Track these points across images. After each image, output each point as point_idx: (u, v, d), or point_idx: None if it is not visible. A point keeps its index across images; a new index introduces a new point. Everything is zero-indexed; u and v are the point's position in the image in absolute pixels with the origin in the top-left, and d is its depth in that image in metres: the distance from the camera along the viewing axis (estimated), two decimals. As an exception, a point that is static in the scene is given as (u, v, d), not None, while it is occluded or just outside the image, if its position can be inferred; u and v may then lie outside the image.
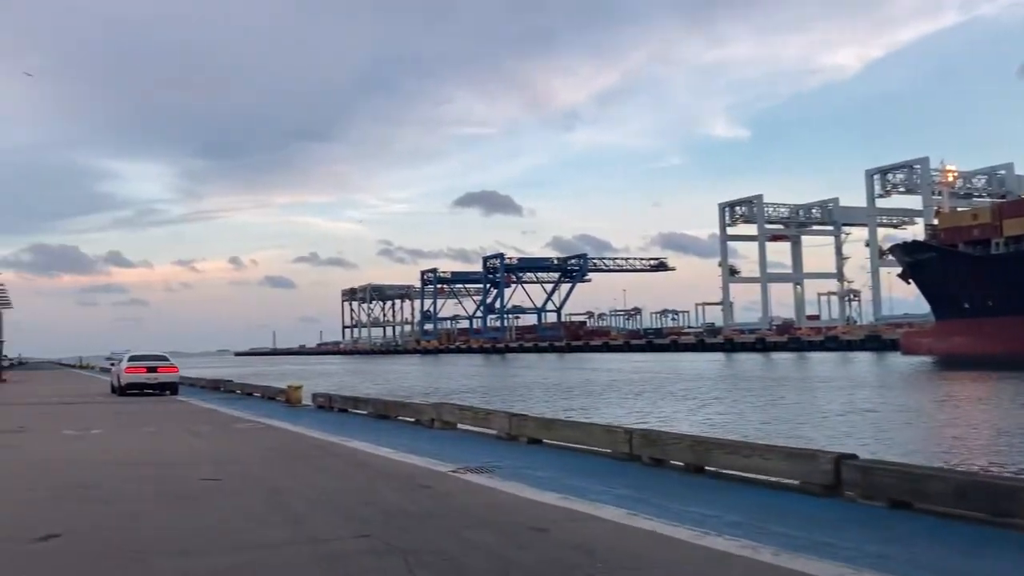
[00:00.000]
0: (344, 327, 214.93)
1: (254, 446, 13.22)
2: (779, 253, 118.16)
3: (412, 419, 16.02)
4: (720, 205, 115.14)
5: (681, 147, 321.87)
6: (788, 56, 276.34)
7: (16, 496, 8.65)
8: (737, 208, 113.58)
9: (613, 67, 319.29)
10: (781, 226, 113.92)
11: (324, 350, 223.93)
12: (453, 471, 9.66)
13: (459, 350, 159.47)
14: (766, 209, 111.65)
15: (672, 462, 9.54)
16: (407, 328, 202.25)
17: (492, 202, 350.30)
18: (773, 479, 8.21)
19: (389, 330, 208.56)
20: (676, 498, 7.84)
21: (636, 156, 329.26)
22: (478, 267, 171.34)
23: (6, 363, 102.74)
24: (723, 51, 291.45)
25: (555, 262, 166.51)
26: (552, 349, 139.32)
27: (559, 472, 9.50)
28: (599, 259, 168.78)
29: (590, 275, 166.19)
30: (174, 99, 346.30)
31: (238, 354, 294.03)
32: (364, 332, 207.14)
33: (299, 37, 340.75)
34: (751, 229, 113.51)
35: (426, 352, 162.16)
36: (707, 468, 9.00)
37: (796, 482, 7.89)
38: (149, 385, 28.72)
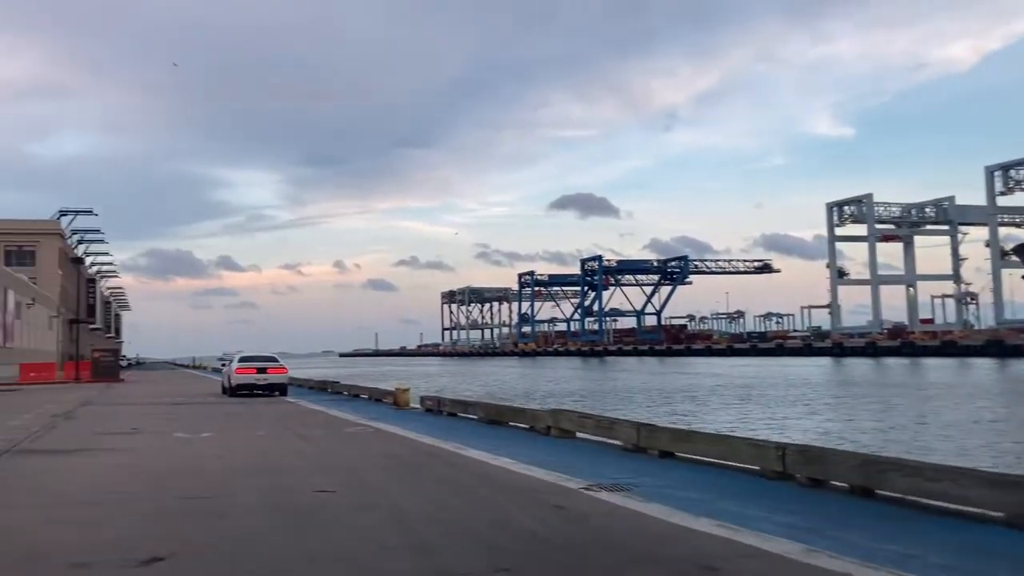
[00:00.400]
0: (444, 329, 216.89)
1: (366, 452, 12.52)
2: (889, 255, 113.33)
3: (526, 426, 15.13)
4: (828, 205, 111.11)
5: (784, 147, 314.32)
6: (895, 51, 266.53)
7: (121, 509, 8.05)
8: (845, 208, 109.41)
9: (713, 67, 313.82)
10: (892, 226, 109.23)
11: (424, 352, 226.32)
12: (585, 488, 8.69)
13: (557, 353, 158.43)
14: (876, 208, 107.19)
15: (833, 483, 8.36)
16: (505, 330, 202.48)
17: (589, 204, 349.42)
18: (967, 509, 6.97)
19: (487, 332, 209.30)
20: (855, 529, 6.68)
21: (737, 157, 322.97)
22: (575, 269, 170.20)
23: (124, 363, 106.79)
24: (827, 48, 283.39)
25: (655, 264, 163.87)
26: (652, 353, 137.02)
27: (706, 493, 8.42)
28: (700, 261, 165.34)
29: (691, 277, 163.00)
30: (281, 109, 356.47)
31: (342, 355, 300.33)
32: (463, 334, 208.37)
33: (400, 45, 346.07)
34: (860, 229, 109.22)
35: (524, 354, 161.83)
36: (878, 492, 7.81)
37: (1000, 514, 6.63)
38: (259, 386, 28.69)
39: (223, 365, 36.33)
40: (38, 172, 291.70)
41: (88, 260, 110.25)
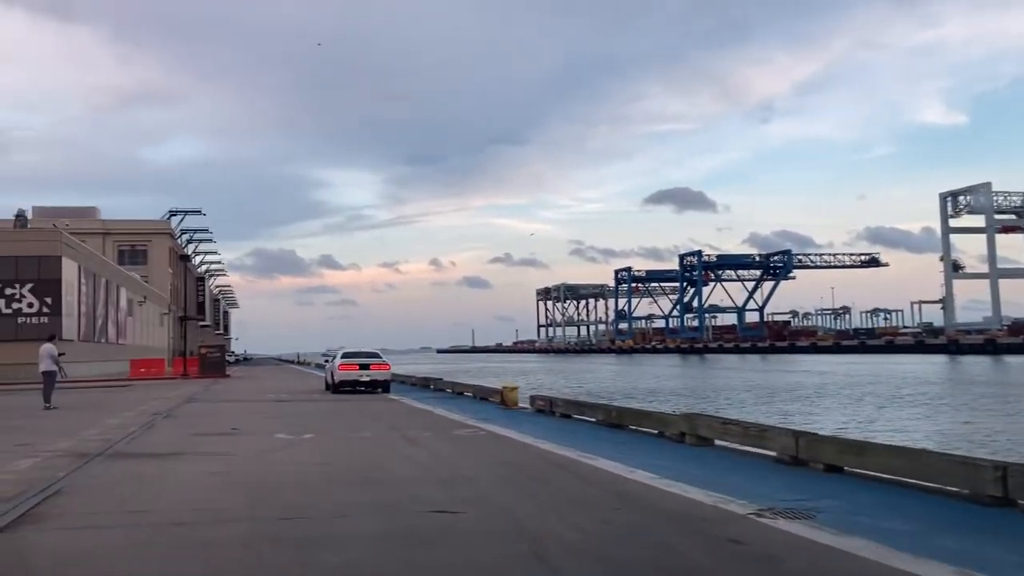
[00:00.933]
0: (539, 326, 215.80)
1: (481, 460, 11.19)
2: (1007, 247, 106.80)
3: (655, 431, 13.55)
4: (941, 195, 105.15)
5: (889, 136, 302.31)
6: (1011, 33, 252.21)
7: (212, 532, 6.85)
8: (960, 198, 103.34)
9: (813, 56, 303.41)
10: (1013, 216, 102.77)
11: (520, 348, 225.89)
12: (755, 513, 7.09)
13: (655, 350, 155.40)
14: (995, 198, 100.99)
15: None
16: (601, 327, 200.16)
17: (685, 198, 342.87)
18: None
19: (583, 329, 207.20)
20: None
21: (839, 147, 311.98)
22: (673, 265, 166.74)
23: (231, 359, 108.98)
24: (935, 31, 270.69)
25: (756, 259, 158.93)
26: (755, 350, 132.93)
27: (913, 522, 6.73)
28: (804, 255, 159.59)
29: (794, 272, 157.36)
30: (381, 111, 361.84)
31: (440, 351, 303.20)
32: (558, 331, 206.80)
33: (493, 43, 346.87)
34: (975, 221, 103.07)
35: (621, 351, 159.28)
36: None
37: None
38: (361, 383, 27.86)
39: (326, 361, 35.80)
40: (150, 176, 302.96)
41: (197, 259, 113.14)
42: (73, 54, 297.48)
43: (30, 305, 42.37)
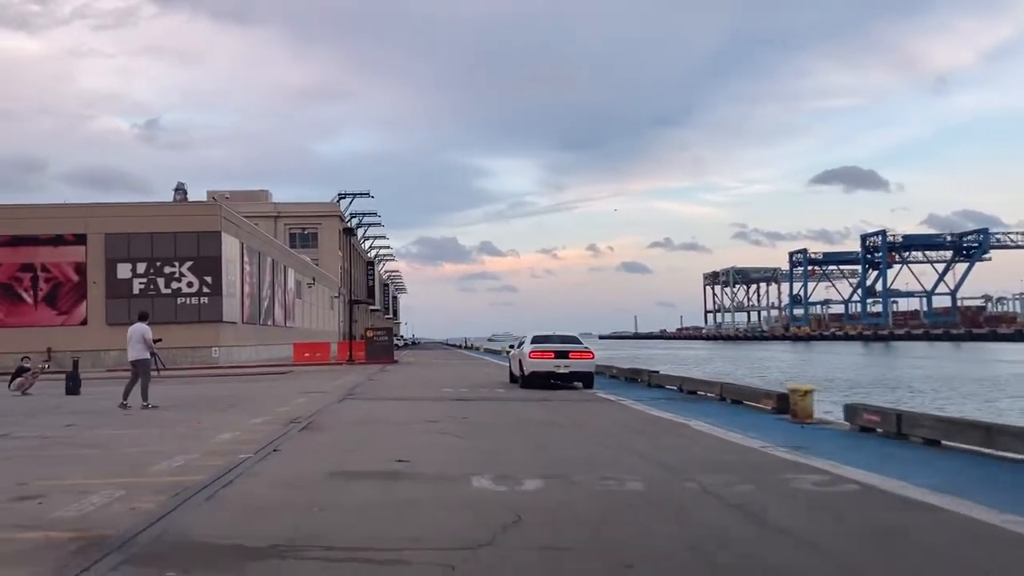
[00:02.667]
0: (706, 312, 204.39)
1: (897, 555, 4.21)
2: None
3: None
4: None
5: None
6: None
7: None
8: None
9: (1002, 18, 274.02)
10: None
11: (685, 335, 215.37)
12: None
13: (834, 337, 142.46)
14: None
15: None
16: (773, 312, 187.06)
17: (854, 177, 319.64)
18: None
19: (753, 315, 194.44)
20: None
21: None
22: (845, 247, 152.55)
23: (400, 343, 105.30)
24: None
25: (948, 239, 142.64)
26: (948, 337, 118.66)
27: None
28: (1003, 234, 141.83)
29: (990, 253, 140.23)
30: (539, 97, 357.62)
31: (602, 337, 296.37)
32: (727, 317, 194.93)
33: (651, 25, 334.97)
34: None
35: (797, 338, 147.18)
36: None
37: None
38: (558, 375, 21.34)
39: (511, 348, 29.45)
40: (321, 168, 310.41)
41: (367, 244, 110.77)
42: (252, 55, 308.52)
43: (189, 284, 38.41)
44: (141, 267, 37.91)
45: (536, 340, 22.48)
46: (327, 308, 72.78)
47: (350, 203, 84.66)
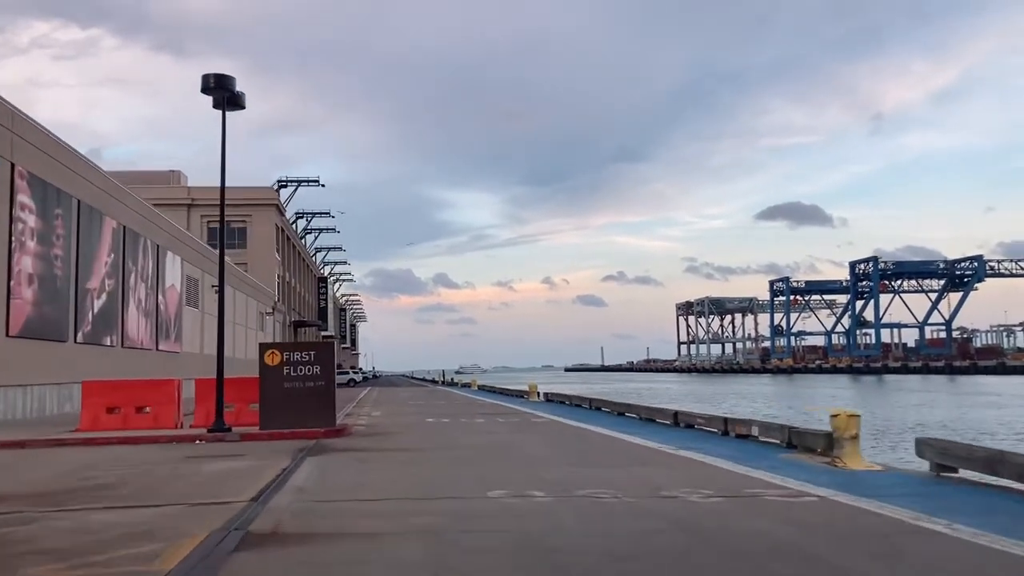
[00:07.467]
0: (679, 343, 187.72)
1: None
2: None
3: None
4: None
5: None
6: None
7: None
8: None
9: (951, 63, 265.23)
10: None
11: (654, 367, 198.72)
12: None
13: (821, 369, 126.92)
14: None
15: None
16: (749, 344, 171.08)
17: (798, 213, 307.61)
18: None
19: (728, 347, 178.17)
20: None
21: (976, 158, 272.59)
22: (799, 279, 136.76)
23: (359, 377, 78.77)
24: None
25: (941, 266, 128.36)
26: (951, 370, 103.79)
27: None
28: (997, 261, 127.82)
29: (981, 282, 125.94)
30: (501, 132, 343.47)
31: (567, 369, 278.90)
32: (701, 348, 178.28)
33: (614, 61, 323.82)
34: None
35: (778, 371, 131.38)
36: None
37: None
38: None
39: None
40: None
41: (318, 257, 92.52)
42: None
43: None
44: None
45: None
46: (254, 328, 53.49)
47: (293, 192, 66.52)
